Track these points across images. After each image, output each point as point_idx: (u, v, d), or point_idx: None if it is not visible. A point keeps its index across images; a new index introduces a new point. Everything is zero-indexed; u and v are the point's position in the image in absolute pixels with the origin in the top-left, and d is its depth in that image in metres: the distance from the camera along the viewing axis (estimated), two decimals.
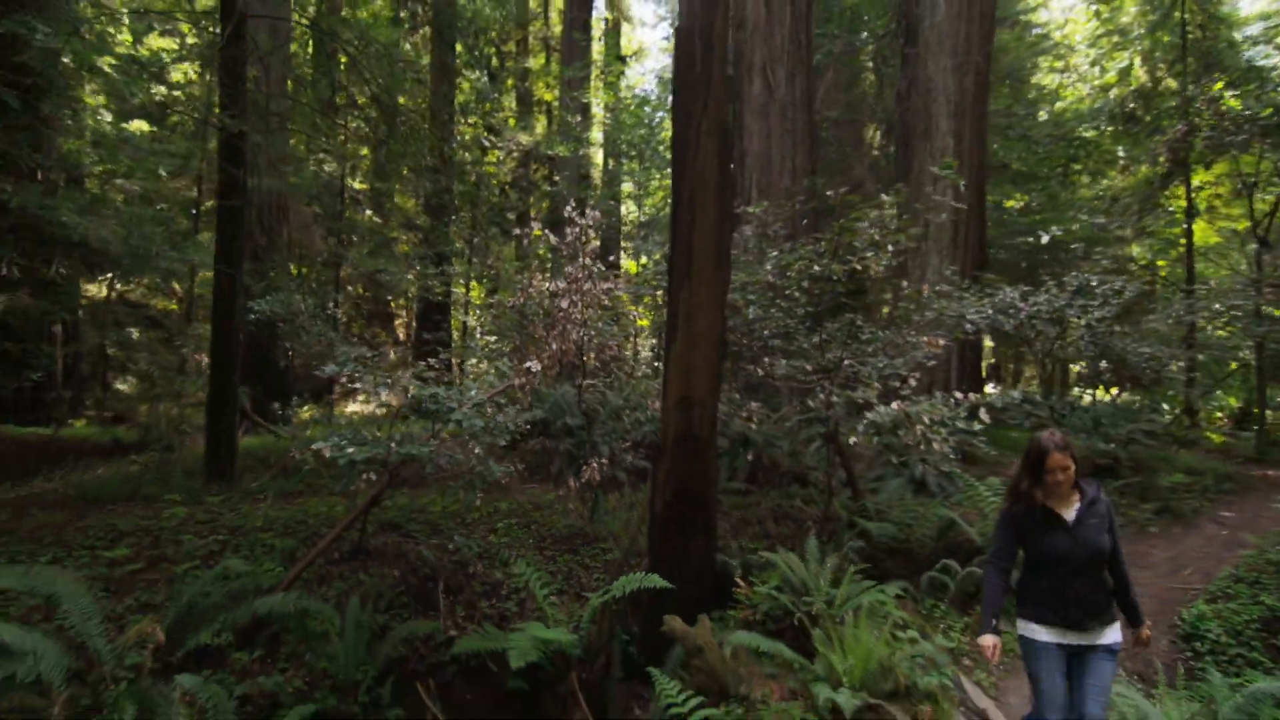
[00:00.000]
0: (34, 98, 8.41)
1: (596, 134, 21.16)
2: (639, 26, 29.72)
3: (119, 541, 4.45)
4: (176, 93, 12.85)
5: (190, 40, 13.05)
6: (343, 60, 11.50)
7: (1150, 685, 4.41)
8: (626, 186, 21.49)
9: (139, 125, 13.36)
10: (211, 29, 9.18)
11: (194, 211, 14.53)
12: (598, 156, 21.88)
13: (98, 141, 11.33)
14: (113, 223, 7.26)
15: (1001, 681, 4.56)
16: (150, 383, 8.47)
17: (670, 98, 5.66)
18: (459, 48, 18.26)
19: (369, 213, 18.13)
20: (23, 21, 6.81)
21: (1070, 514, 3.09)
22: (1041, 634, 3.09)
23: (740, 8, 11.53)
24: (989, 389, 15.78)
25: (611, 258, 16.53)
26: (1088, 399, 12.52)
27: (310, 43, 15.06)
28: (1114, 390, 11.75)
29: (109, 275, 8.16)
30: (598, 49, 23.86)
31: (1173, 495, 8.56)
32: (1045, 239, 8.14)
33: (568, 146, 15.45)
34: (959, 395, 5.29)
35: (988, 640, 3.13)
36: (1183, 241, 13.27)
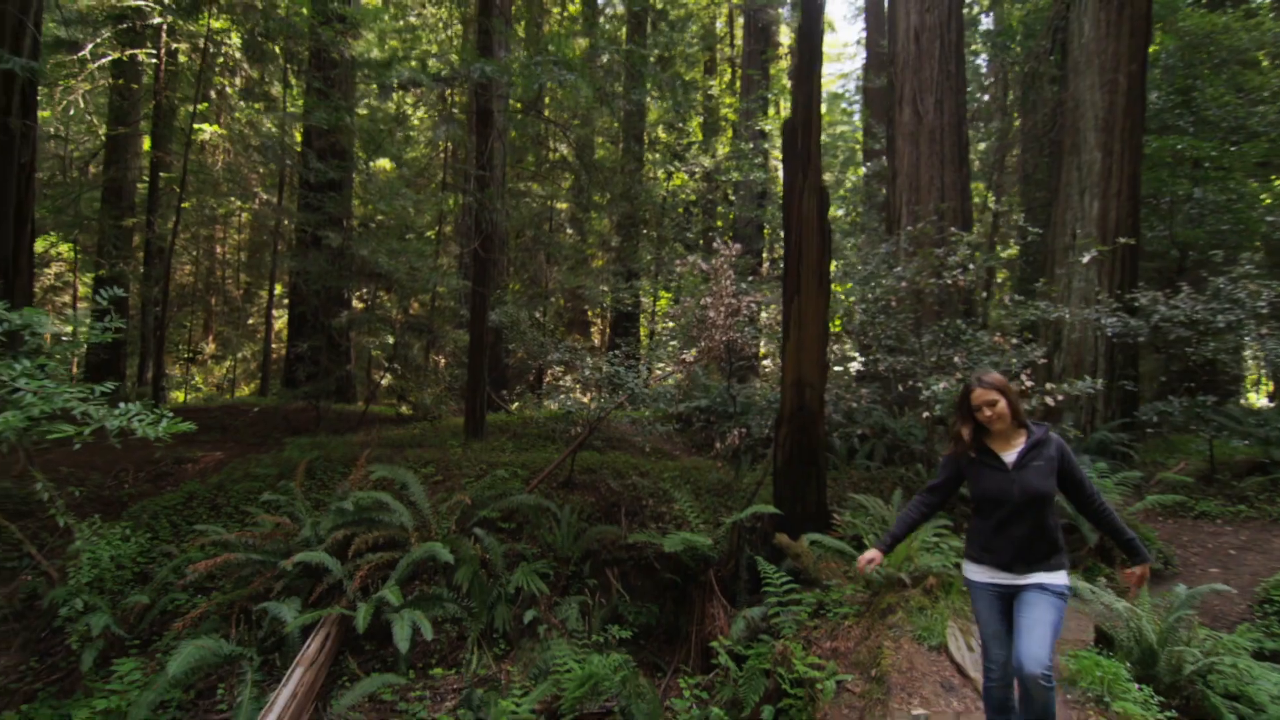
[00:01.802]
0: (345, 169, 12.01)
1: (778, 151, 22.95)
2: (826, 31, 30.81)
3: (426, 465, 7.16)
4: (421, 145, 16.52)
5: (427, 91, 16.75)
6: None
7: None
8: None
9: (383, 164, 17.28)
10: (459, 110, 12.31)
11: (435, 239, 18.38)
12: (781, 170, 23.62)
13: (376, 192, 15.15)
14: (401, 257, 10.36)
15: None
16: (420, 373, 11.66)
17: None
18: (648, 85, 20.94)
19: (570, 231, 21.28)
20: (339, 117, 10.13)
21: (1010, 456, 3.13)
22: (975, 573, 3.21)
23: (893, 45, 12.98)
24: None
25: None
26: None
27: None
28: None
29: (394, 294, 11.41)
30: (782, 65, 25.66)
31: None
32: (1086, 258, 8.83)
33: (741, 171, 17.51)
34: (1030, 382, 6.66)
35: (867, 553, 3.43)
36: None
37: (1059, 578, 3.06)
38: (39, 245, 15.10)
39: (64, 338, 4.68)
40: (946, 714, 3.49)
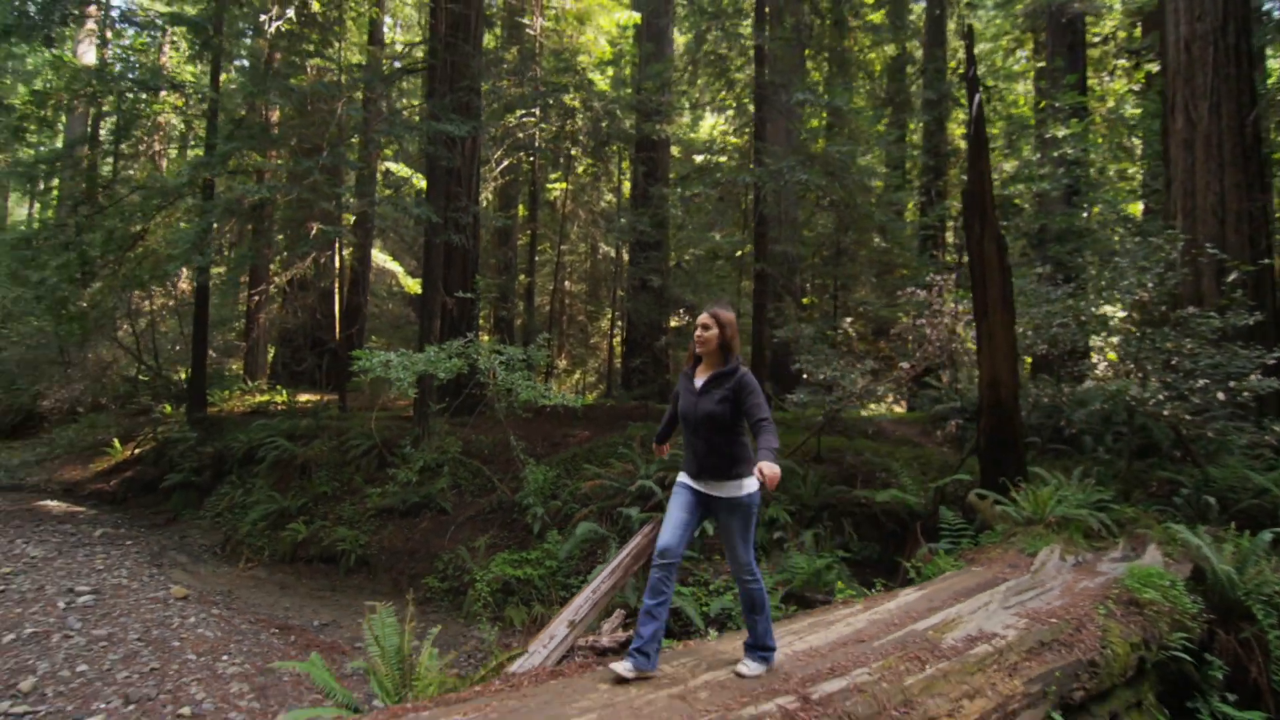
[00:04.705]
0: (663, 230, 16.35)
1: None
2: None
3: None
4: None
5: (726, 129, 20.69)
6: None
7: None
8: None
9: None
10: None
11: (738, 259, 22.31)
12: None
13: (686, 239, 19.53)
14: (704, 292, 14.24)
15: None
16: None
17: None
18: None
19: (878, 240, 23.77)
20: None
21: (700, 380, 3.69)
22: (681, 477, 3.78)
23: (1163, 56, 13.77)
24: None
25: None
26: None
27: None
28: None
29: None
30: (1097, 52, 25.39)
31: None
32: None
33: (1030, 184, 18.71)
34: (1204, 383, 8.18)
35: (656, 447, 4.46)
36: None
37: (745, 487, 3.59)
38: None
39: (519, 360, 9.04)
40: (992, 570, 6.05)
